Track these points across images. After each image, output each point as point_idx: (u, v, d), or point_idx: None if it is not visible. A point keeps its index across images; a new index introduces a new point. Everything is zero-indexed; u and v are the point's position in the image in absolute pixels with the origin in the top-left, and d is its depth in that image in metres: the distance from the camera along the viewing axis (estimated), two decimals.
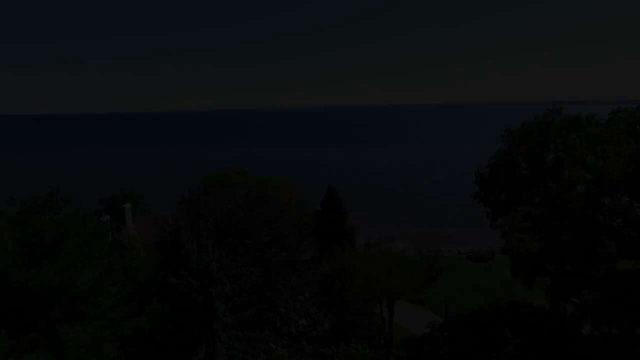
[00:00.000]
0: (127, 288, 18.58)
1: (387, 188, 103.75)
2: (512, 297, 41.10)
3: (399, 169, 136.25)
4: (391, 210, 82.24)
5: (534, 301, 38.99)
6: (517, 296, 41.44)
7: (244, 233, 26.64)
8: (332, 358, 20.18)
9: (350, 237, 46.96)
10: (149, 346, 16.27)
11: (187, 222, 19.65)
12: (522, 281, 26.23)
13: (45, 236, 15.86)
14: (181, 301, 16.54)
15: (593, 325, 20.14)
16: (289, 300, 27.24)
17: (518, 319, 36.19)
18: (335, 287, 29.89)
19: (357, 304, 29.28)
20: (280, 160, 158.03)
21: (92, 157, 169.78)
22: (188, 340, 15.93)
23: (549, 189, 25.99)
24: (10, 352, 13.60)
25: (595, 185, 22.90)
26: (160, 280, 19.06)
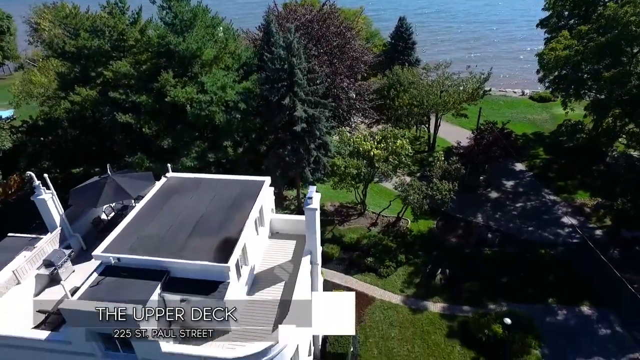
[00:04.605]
0: (234, 65, 26.50)
1: (462, 30, 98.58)
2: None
3: (478, 11, 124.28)
4: (462, 50, 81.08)
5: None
6: None
7: (317, 40, 32.45)
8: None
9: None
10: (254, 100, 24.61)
11: (274, 22, 25.72)
12: (546, 87, 29.71)
13: (184, 16, 23.21)
14: (272, 72, 23.82)
15: (595, 122, 24.40)
16: (351, 101, 34.16)
17: (554, 142, 40.81)
18: (391, 95, 35.86)
19: (405, 109, 35.35)
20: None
21: None
22: (277, 96, 23.68)
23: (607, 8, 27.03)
24: (175, 85, 22.48)
25: None
26: (256, 62, 26.57)
